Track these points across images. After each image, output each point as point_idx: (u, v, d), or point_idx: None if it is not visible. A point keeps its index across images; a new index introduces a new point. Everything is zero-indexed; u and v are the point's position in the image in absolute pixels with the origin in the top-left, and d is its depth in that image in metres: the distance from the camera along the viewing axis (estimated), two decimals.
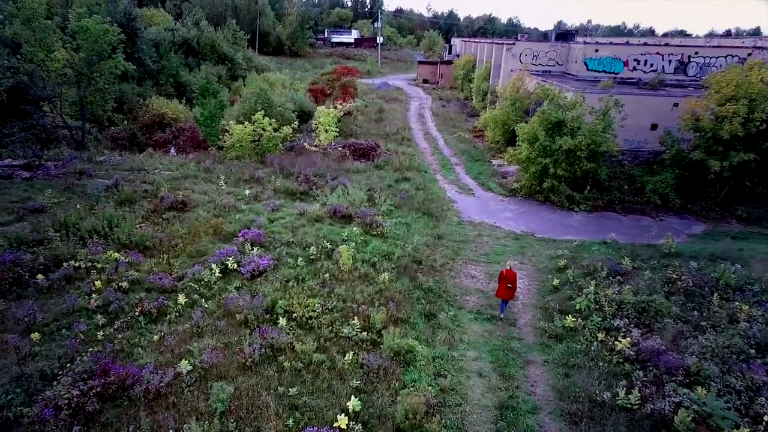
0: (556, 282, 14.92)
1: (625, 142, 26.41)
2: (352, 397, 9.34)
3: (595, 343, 11.84)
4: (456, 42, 73.57)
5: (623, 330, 12.15)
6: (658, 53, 34.42)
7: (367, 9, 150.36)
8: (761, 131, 20.11)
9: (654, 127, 25.57)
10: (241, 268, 13.99)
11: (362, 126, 36.71)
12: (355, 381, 10.06)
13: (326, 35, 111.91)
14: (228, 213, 18.24)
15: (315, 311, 12.26)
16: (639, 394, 9.76)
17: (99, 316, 11.40)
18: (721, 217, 21.36)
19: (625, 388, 9.97)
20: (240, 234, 15.91)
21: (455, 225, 19.90)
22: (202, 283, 13.27)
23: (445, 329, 12.56)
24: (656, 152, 25.31)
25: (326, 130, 27.91)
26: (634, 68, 34.43)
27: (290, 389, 9.62)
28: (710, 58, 33.75)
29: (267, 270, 14.16)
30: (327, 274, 14.22)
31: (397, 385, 10.20)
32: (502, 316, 13.50)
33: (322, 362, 10.53)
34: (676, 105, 24.93)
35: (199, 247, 15.32)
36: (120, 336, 10.92)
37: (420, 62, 72.04)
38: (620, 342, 11.53)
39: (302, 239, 16.43)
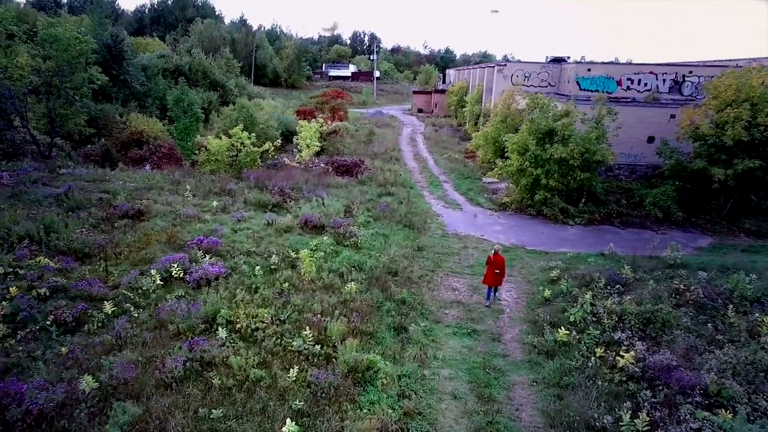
0: (547, 293, 13.13)
1: (621, 156, 25.10)
2: (289, 420, 7.47)
3: (592, 359, 9.97)
4: (450, 72, 73.90)
5: (625, 343, 10.31)
6: (651, 72, 33.68)
7: (365, 46, 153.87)
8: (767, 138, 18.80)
9: (651, 140, 24.33)
10: (187, 276, 12.27)
11: (350, 147, 35.59)
12: (298, 402, 8.20)
13: (323, 69, 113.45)
14: (189, 223, 16.63)
15: (264, 322, 10.48)
16: (648, 418, 7.86)
17: (1, 325, 9.61)
18: (728, 231, 19.72)
19: (629, 411, 8.08)
20: (194, 241, 14.26)
21: (439, 237, 18.25)
22: (139, 291, 11.54)
23: (417, 344, 10.72)
24: (654, 166, 23.95)
25: (308, 146, 26.69)
26: (628, 88, 33.57)
27: (214, 411, 7.75)
28: (705, 77, 32.94)
29: (218, 278, 12.44)
30: (286, 284, 12.48)
31: (350, 407, 8.32)
32: (488, 303, 13.08)
33: (261, 379, 8.68)
34: (672, 116, 23.78)
35: (147, 255, 13.62)
36: (21, 348, 9.10)
37: (414, 92, 72.08)
38: (623, 357, 9.68)
39: (266, 249, 14.77)
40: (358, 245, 15.88)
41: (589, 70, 34.36)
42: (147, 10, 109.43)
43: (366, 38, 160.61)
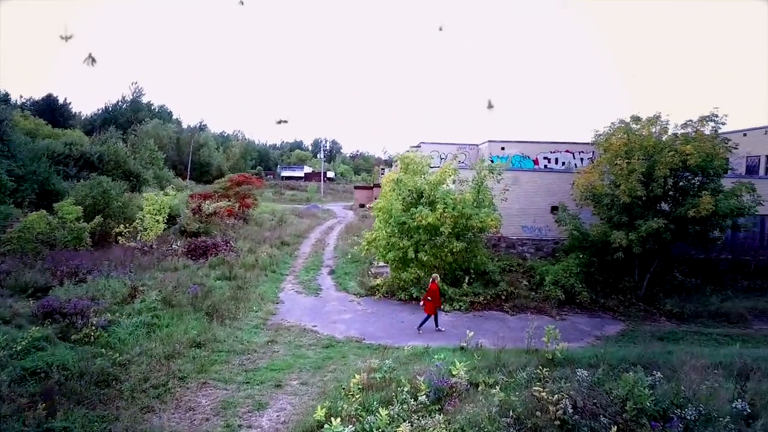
0: (320, 415, 7.83)
1: (524, 230, 21.29)
2: None
3: None
4: (393, 167, 73.35)
5: None
6: (568, 151, 31.88)
7: (326, 151, 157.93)
8: (673, 196, 15.33)
9: (554, 209, 20.70)
10: None
11: (244, 232, 30.86)
12: None
13: (277, 170, 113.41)
14: None
15: None
16: None
17: None
18: (645, 315, 15.21)
19: None
20: None
21: (247, 329, 12.99)
22: None
23: None
24: (563, 240, 20.05)
25: (156, 222, 21.94)
26: (545, 167, 31.43)
27: None
28: None
29: None
30: None
31: None
32: (440, 328, 13.63)
33: None
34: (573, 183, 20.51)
35: None
36: None
37: (356, 187, 70.41)
38: None
39: None
40: (92, 339, 10.55)
41: (503, 148, 32.31)
42: (101, 111, 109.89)
43: (328, 144, 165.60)
